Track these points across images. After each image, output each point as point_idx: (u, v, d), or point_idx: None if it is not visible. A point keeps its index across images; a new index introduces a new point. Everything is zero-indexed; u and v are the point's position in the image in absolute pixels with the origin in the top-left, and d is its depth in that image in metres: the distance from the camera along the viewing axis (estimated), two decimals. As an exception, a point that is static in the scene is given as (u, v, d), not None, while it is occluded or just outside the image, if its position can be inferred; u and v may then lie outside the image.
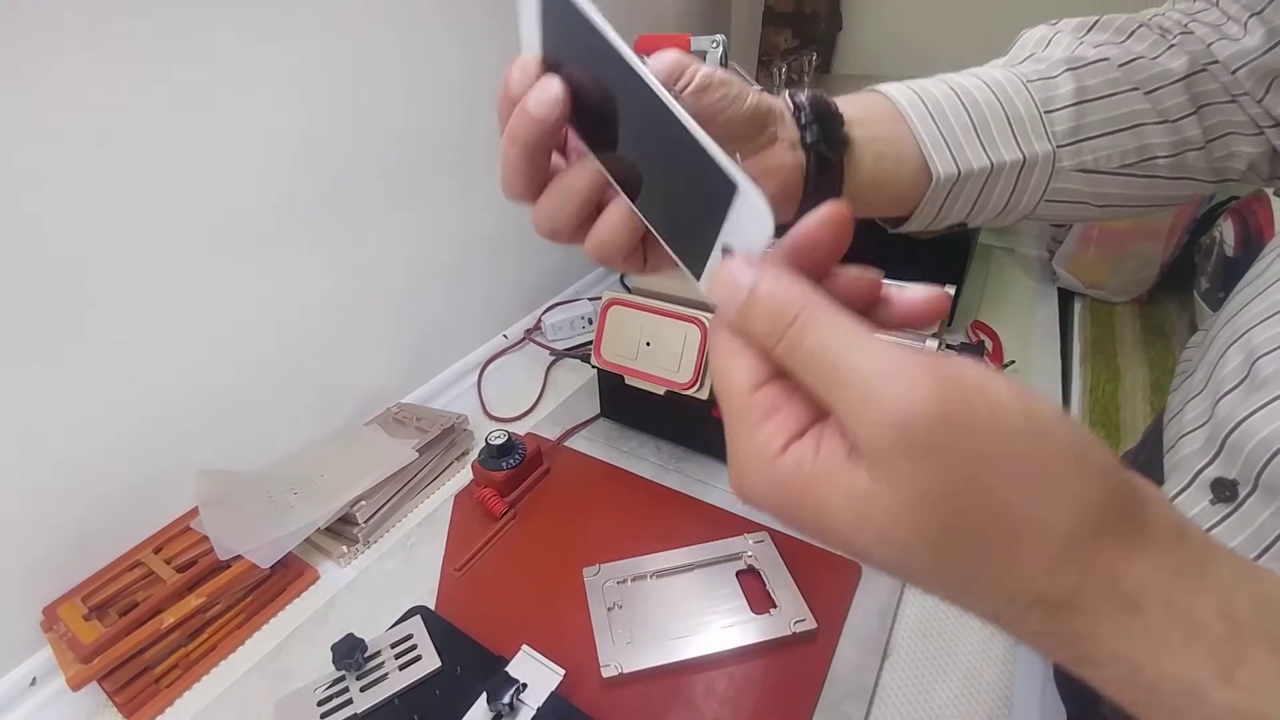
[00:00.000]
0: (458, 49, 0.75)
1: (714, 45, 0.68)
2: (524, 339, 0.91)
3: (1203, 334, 0.41)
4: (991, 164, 0.33)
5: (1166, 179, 0.36)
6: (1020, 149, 0.33)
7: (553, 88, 0.22)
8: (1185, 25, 0.36)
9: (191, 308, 0.58)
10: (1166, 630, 0.15)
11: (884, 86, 0.34)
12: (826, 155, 0.30)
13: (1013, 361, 0.82)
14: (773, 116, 0.30)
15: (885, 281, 0.21)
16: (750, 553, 0.55)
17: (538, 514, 0.62)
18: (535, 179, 0.24)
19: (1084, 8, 1.14)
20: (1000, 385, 0.15)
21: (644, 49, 0.81)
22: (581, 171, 0.23)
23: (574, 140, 0.25)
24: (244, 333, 0.62)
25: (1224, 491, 0.31)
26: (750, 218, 0.19)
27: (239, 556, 0.56)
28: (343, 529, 0.62)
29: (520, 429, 0.74)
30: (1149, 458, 0.42)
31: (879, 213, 0.36)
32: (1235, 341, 0.33)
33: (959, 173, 0.33)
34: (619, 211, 0.24)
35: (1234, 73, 0.34)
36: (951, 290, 0.68)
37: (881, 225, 0.38)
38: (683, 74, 0.25)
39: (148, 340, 0.56)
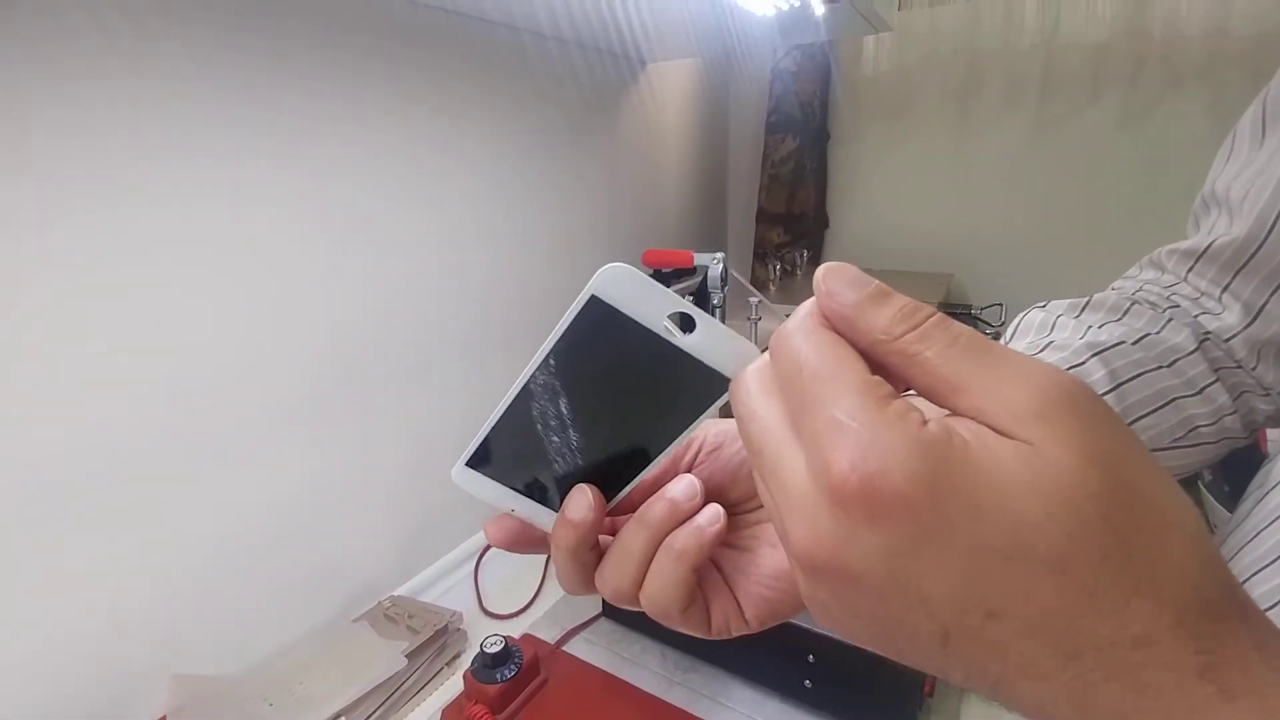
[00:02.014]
0: (475, 237, 0.82)
1: (715, 261, 0.75)
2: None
3: None
4: None
5: (1211, 444, 0.37)
6: None
7: (586, 496, 0.24)
8: (1169, 298, 0.39)
9: (175, 498, 0.57)
10: None
11: None
12: None
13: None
14: None
15: None
16: (764, 792, 0.50)
17: (531, 735, 0.57)
18: (589, 573, 0.25)
19: (1029, 186, 1.26)
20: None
21: (651, 262, 0.89)
22: (633, 531, 0.23)
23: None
24: (232, 523, 0.61)
25: None
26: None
27: (199, 785, 0.51)
28: (317, 749, 0.57)
29: (516, 627, 0.71)
30: None
31: None
32: (1266, 568, 0.32)
33: None
34: (665, 563, 0.23)
35: (1227, 342, 0.37)
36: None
37: None
38: (689, 450, 0.27)
39: (125, 531, 0.54)
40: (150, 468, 0.55)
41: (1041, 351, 0.37)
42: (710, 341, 0.22)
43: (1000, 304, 1.18)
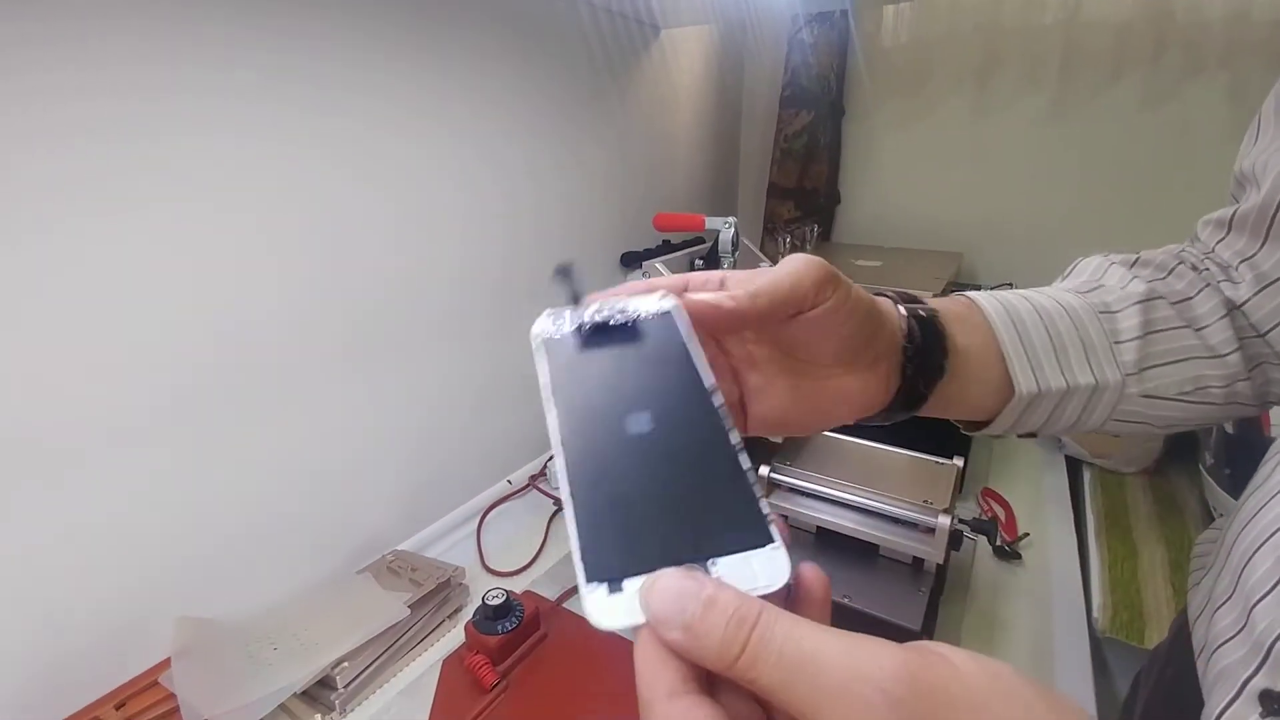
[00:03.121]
0: (500, 196, 0.82)
1: (726, 225, 0.74)
2: (528, 485, 0.90)
3: (1215, 532, 0.41)
4: (1068, 385, 0.35)
5: (1219, 405, 0.38)
6: (1093, 374, 0.35)
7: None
8: (1204, 263, 0.40)
9: (189, 449, 0.57)
10: None
11: (974, 296, 0.37)
12: (920, 390, 0.32)
13: (1026, 534, 0.80)
14: (880, 336, 0.30)
15: None
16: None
17: (531, 686, 0.58)
18: None
19: (1044, 167, 1.24)
20: (959, 653, 0.16)
21: (661, 226, 0.88)
22: None
23: None
24: (243, 476, 0.62)
25: (1273, 704, 0.30)
26: (766, 564, 0.19)
27: (204, 722, 0.52)
28: (320, 693, 0.58)
29: (518, 585, 0.71)
30: (1180, 661, 0.40)
31: (953, 417, 0.37)
32: (1264, 544, 0.32)
33: (1039, 390, 0.34)
34: None
35: (1242, 309, 0.37)
36: (960, 462, 0.68)
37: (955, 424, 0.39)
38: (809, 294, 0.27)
39: (140, 477, 0.54)
40: (162, 417, 0.55)
41: (1091, 293, 0.38)
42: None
43: (1010, 284, 1.17)
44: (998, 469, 0.96)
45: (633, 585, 0.18)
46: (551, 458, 0.93)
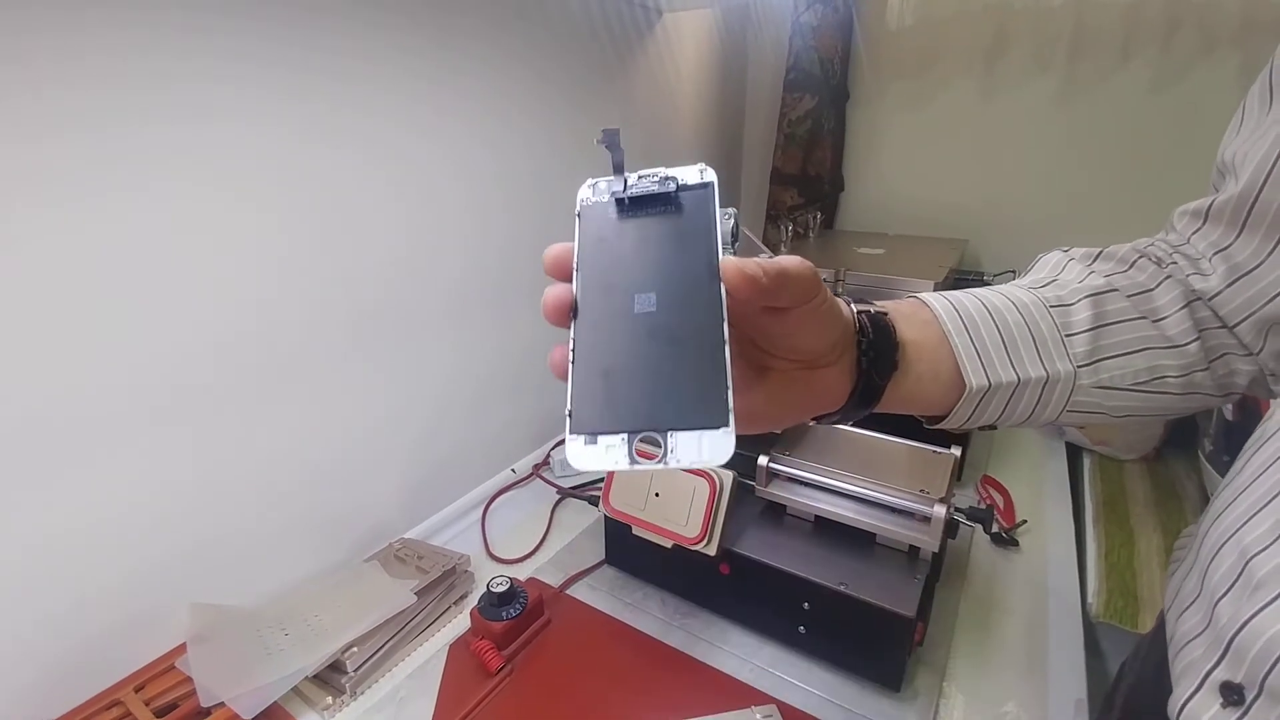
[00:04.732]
0: (500, 182, 0.82)
1: (726, 216, 0.74)
2: (532, 474, 0.92)
3: (1194, 527, 0.41)
4: (1019, 379, 0.35)
5: (1177, 394, 0.38)
6: (1044, 367, 0.36)
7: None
8: (1171, 256, 0.40)
9: (200, 440, 0.58)
10: None
11: (924, 296, 0.38)
12: (875, 381, 0.33)
13: (1024, 521, 0.81)
14: (847, 336, 0.32)
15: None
16: (757, 728, 0.52)
17: (535, 671, 0.59)
18: None
19: (1051, 153, 1.21)
20: None
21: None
22: None
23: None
24: (253, 467, 0.63)
25: (1232, 695, 0.31)
26: (714, 444, 0.21)
27: (221, 704, 0.54)
28: (331, 677, 0.60)
29: (522, 572, 0.73)
30: (1161, 650, 0.41)
31: (912, 412, 0.37)
32: (1226, 542, 0.33)
33: (989, 385, 0.35)
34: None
35: (1210, 301, 0.37)
36: (957, 451, 0.69)
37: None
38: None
39: (152, 466, 0.56)
40: (176, 408, 0.56)
41: (1044, 288, 0.39)
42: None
43: (1013, 271, 1.17)
44: (998, 456, 0.96)
45: (605, 441, 0.22)
46: (556, 444, 0.95)
